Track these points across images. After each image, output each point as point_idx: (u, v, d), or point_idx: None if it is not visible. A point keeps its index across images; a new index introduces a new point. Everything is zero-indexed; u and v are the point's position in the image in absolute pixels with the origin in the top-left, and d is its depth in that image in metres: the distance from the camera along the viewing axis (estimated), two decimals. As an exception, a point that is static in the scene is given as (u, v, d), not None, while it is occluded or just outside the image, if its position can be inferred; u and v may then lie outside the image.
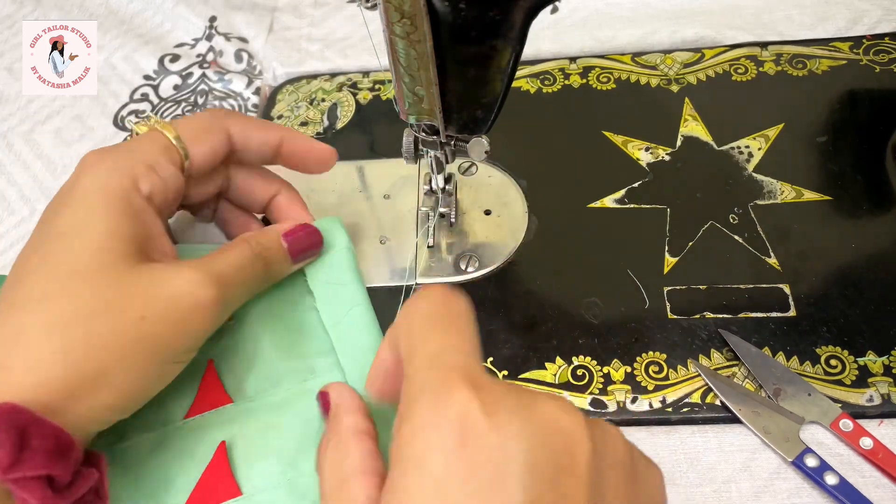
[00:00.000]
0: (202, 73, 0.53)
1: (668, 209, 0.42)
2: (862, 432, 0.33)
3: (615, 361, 0.37)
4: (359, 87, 0.51)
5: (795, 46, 0.48)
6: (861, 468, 0.33)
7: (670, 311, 0.38)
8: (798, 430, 0.34)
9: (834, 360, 0.36)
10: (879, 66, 0.47)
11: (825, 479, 0.32)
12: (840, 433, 0.33)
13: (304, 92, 0.51)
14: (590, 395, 0.36)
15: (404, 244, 0.42)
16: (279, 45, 0.54)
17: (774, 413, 0.34)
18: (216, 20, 0.56)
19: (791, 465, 0.33)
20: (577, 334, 0.38)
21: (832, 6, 0.50)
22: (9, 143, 0.51)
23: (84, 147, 0.50)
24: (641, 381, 0.36)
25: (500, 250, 0.41)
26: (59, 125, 0.52)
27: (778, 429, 0.34)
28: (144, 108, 0.52)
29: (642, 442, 0.35)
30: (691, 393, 0.35)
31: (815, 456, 0.33)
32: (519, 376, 0.37)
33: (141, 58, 0.55)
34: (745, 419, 0.34)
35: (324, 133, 0.49)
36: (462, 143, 0.36)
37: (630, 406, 0.35)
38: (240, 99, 0.52)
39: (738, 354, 0.36)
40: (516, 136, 0.46)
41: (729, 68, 0.48)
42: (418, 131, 0.36)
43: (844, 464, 0.33)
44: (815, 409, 0.34)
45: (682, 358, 0.36)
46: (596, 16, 0.53)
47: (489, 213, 0.43)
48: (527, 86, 0.49)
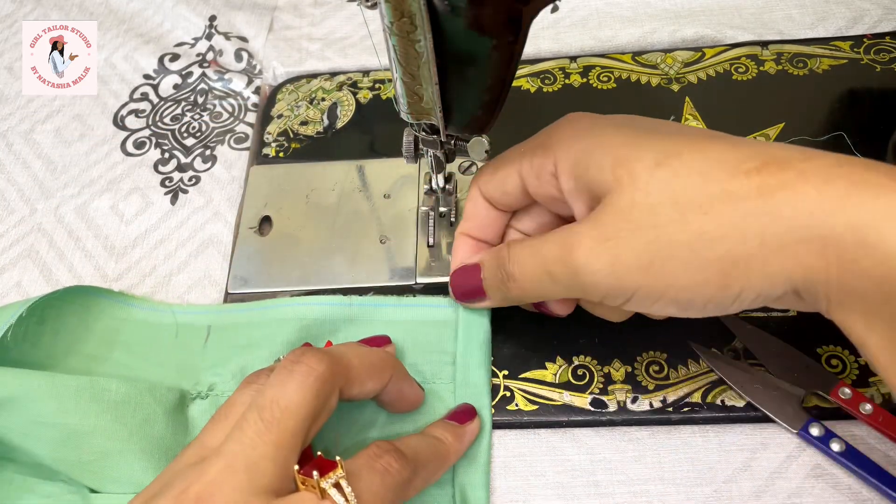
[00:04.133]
0: (202, 72, 0.53)
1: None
2: (861, 398, 0.34)
3: (616, 361, 0.37)
4: (359, 87, 0.51)
5: (796, 46, 0.48)
6: (864, 433, 0.34)
7: (671, 310, 0.38)
8: (799, 401, 0.34)
9: (835, 360, 0.36)
10: (880, 66, 0.47)
11: (831, 446, 0.32)
12: (840, 401, 0.34)
13: (304, 91, 0.51)
14: (590, 394, 0.36)
15: (404, 244, 0.42)
16: (279, 45, 0.54)
17: (775, 387, 0.34)
18: (216, 19, 0.56)
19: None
20: (577, 334, 0.38)
21: (833, 5, 0.50)
22: (9, 142, 0.51)
23: (84, 146, 0.50)
24: (642, 381, 0.36)
25: (501, 250, 0.41)
26: (58, 125, 0.52)
27: (780, 402, 0.34)
28: (144, 107, 0.52)
29: (643, 442, 0.35)
30: (692, 392, 0.35)
31: (819, 425, 0.33)
32: (519, 376, 0.37)
33: (141, 57, 0.54)
34: (749, 396, 0.34)
35: (324, 132, 0.49)
36: (462, 142, 0.36)
37: (630, 406, 0.35)
38: (240, 98, 0.51)
39: (735, 334, 0.36)
40: (516, 136, 0.46)
41: (729, 67, 0.48)
42: (418, 131, 0.36)
43: (847, 430, 0.34)
44: (813, 380, 0.34)
45: (683, 357, 0.36)
46: (596, 15, 0.53)
47: (489, 212, 0.43)
48: (527, 85, 0.49)
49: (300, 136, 0.49)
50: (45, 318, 0.39)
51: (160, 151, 0.49)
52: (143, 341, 0.40)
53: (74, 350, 0.39)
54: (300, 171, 0.47)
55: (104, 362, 0.39)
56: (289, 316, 0.40)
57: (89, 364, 0.39)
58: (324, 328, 0.39)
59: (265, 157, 0.48)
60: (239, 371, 0.38)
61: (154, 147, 0.50)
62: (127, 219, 0.46)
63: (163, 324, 0.41)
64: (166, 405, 0.36)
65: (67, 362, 0.39)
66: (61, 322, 0.39)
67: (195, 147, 0.49)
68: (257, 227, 0.44)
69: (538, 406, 0.36)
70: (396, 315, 0.39)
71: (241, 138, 0.49)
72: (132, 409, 0.35)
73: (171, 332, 0.40)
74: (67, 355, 0.39)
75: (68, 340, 0.39)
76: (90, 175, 0.49)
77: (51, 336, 0.39)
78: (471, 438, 0.35)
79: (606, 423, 0.35)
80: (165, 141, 0.50)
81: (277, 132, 0.49)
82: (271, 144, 0.48)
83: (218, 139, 0.49)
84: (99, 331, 0.40)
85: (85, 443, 0.34)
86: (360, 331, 0.39)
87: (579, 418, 0.35)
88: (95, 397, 0.35)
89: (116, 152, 0.50)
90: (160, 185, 0.47)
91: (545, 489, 0.34)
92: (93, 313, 0.41)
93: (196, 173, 0.48)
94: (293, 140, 0.48)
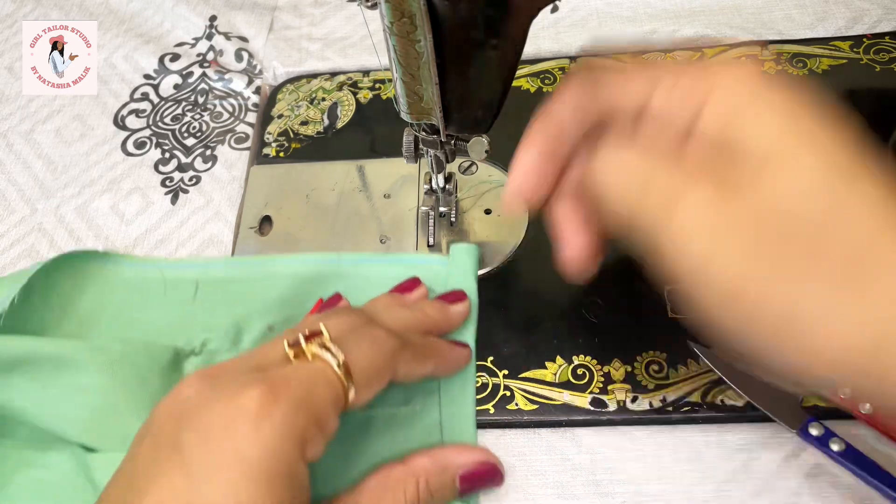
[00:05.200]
0: (202, 72, 0.53)
1: (668, 208, 0.42)
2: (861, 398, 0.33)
3: (615, 361, 0.37)
4: (359, 87, 0.51)
5: (795, 45, 0.48)
6: (863, 433, 0.33)
7: (671, 310, 0.38)
8: (799, 400, 0.34)
9: (834, 360, 0.36)
10: (880, 66, 0.47)
11: (831, 446, 0.32)
12: (840, 400, 0.33)
13: (305, 91, 0.51)
14: (590, 394, 0.36)
15: (404, 244, 0.42)
16: (279, 45, 0.54)
17: (775, 387, 0.34)
18: (216, 19, 0.56)
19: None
20: (577, 333, 0.38)
21: (832, 5, 0.50)
22: (9, 142, 0.51)
23: (84, 146, 0.50)
24: (642, 381, 0.36)
25: (500, 250, 0.41)
26: (59, 124, 0.52)
27: (780, 402, 0.34)
28: (145, 107, 0.52)
29: (643, 441, 0.35)
30: (692, 392, 0.35)
31: (819, 424, 0.33)
32: (519, 375, 0.37)
33: (141, 57, 0.55)
34: (749, 395, 0.34)
35: (324, 132, 0.49)
36: (462, 142, 0.36)
37: (630, 405, 0.35)
38: (240, 98, 0.52)
39: None
40: (517, 136, 0.46)
41: (729, 67, 0.48)
42: (418, 130, 0.36)
43: (846, 430, 0.33)
44: None
45: (683, 357, 0.36)
46: (596, 15, 0.53)
47: (489, 212, 0.43)
48: (527, 85, 0.49)
49: (300, 136, 0.49)
50: (34, 286, 0.39)
51: (160, 151, 0.49)
52: (133, 300, 0.41)
53: (67, 314, 0.40)
54: (300, 171, 0.47)
55: (97, 324, 0.40)
56: (279, 272, 0.40)
57: (82, 328, 0.40)
58: (314, 285, 0.40)
59: (265, 157, 0.48)
60: (232, 328, 0.39)
61: (154, 147, 0.50)
62: (127, 219, 0.46)
63: (151, 280, 0.41)
64: (162, 362, 0.36)
65: (61, 328, 0.39)
66: (52, 288, 0.40)
67: (195, 147, 0.49)
68: (257, 226, 0.44)
69: (538, 406, 0.36)
70: (387, 271, 0.40)
71: (242, 138, 0.49)
72: (128, 368, 0.35)
73: (160, 289, 0.41)
74: (61, 320, 0.40)
75: (60, 305, 0.40)
76: (90, 175, 0.49)
77: (41, 302, 0.39)
78: (458, 319, 0.36)
79: (606, 422, 0.35)
80: (166, 141, 0.50)
81: (278, 132, 0.49)
82: (271, 144, 0.48)
83: (218, 139, 0.49)
84: (90, 293, 0.41)
85: (83, 400, 0.35)
86: (350, 286, 0.39)
87: (579, 418, 0.35)
88: (94, 358, 0.35)
89: (117, 152, 0.50)
90: (160, 185, 0.48)
91: (545, 489, 0.34)
92: (81, 276, 0.41)
93: (196, 173, 0.48)
94: (293, 140, 0.48)
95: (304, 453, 0.26)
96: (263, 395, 0.25)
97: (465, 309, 0.37)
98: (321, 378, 0.27)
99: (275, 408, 0.25)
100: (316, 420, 0.26)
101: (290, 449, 0.25)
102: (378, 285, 0.38)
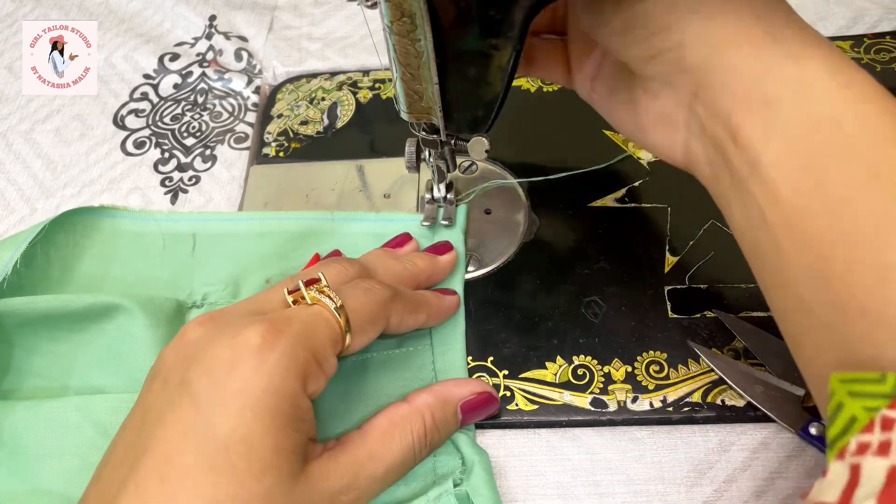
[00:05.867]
0: (202, 71, 0.53)
1: (668, 208, 0.42)
2: None
3: (616, 361, 0.37)
4: (359, 86, 0.51)
5: (796, 45, 0.48)
6: None
7: (671, 310, 0.38)
8: (800, 400, 0.34)
9: (835, 360, 0.36)
10: (880, 66, 0.47)
11: None
12: None
13: (304, 91, 0.51)
14: (590, 394, 0.36)
15: (404, 243, 0.42)
16: (279, 44, 0.54)
17: (776, 386, 0.34)
18: (216, 19, 0.56)
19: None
20: (577, 334, 0.38)
21: (833, 5, 0.50)
22: (9, 142, 0.51)
23: (84, 146, 0.50)
24: (642, 381, 0.36)
25: (500, 250, 0.41)
26: (58, 124, 0.52)
27: (780, 402, 0.34)
28: (144, 107, 0.52)
29: (643, 441, 0.35)
30: (692, 392, 0.35)
31: (820, 424, 0.33)
32: (519, 376, 0.37)
33: (141, 57, 0.54)
34: (749, 395, 0.34)
35: (324, 132, 0.49)
36: (462, 141, 0.36)
37: (631, 405, 0.35)
38: (239, 98, 0.51)
39: (735, 334, 0.36)
40: (516, 136, 0.46)
41: (729, 67, 0.48)
42: (418, 130, 0.36)
43: None
44: None
45: (683, 357, 0.36)
46: (596, 15, 0.53)
47: (489, 212, 0.43)
48: (527, 84, 0.49)
49: (300, 135, 0.49)
50: (36, 245, 0.40)
51: (160, 151, 0.49)
52: (133, 254, 0.42)
53: (71, 271, 0.41)
54: (300, 171, 0.47)
55: (102, 280, 0.41)
56: (273, 229, 0.42)
57: (86, 283, 0.41)
58: (309, 241, 0.41)
59: (265, 156, 0.48)
60: (232, 282, 0.40)
61: (154, 147, 0.50)
62: (127, 218, 0.46)
63: (150, 234, 0.43)
64: (168, 313, 0.38)
65: (64, 286, 0.40)
66: (53, 247, 0.41)
67: (195, 147, 0.49)
68: (257, 226, 0.44)
69: (538, 406, 0.36)
70: (377, 228, 0.41)
71: (241, 138, 0.49)
72: (134, 317, 0.36)
73: (159, 243, 0.42)
74: (63, 278, 0.40)
75: (62, 264, 0.41)
76: (90, 175, 0.49)
77: (43, 261, 0.40)
78: (446, 268, 0.38)
79: (607, 422, 0.35)
80: (165, 140, 0.50)
81: (277, 132, 0.49)
82: (271, 144, 0.48)
83: (218, 139, 0.49)
84: (91, 249, 0.42)
85: (97, 345, 0.37)
86: (342, 243, 0.41)
87: (579, 418, 0.35)
88: (103, 312, 0.37)
89: (116, 152, 0.50)
90: (160, 185, 0.47)
91: (545, 489, 0.34)
92: (81, 233, 0.42)
93: (196, 173, 0.48)
94: (293, 140, 0.48)
95: (305, 387, 0.27)
96: (266, 331, 0.27)
97: (453, 258, 0.39)
98: (320, 319, 0.29)
99: (277, 343, 0.26)
100: (316, 356, 0.28)
101: (293, 381, 0.26)
102: (370, 242, 0.40)
